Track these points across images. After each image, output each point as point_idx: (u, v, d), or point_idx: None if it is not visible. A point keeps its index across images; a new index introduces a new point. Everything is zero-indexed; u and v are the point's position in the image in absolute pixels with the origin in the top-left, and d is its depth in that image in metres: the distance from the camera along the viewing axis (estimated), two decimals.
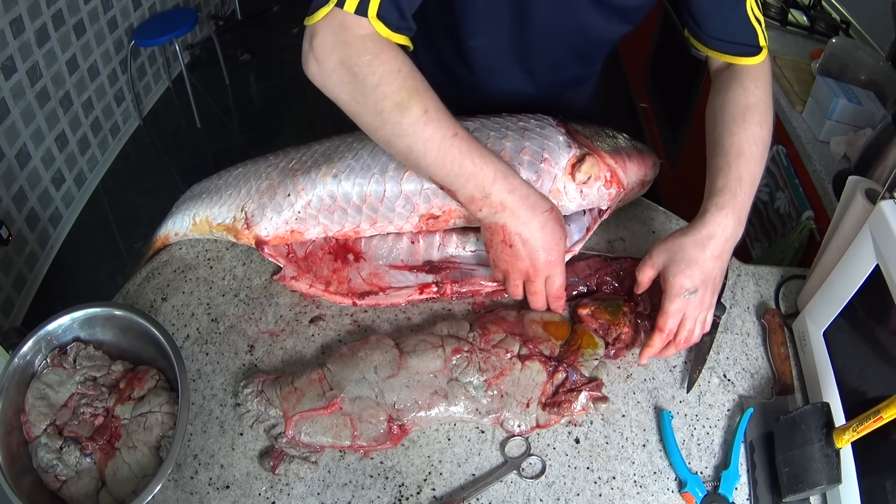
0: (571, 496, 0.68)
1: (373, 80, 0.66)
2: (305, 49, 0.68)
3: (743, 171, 0.75)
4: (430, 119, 0.68)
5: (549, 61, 0.92)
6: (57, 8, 2.29)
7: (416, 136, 0.68)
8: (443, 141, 0.68)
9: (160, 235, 0.94)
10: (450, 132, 0.68)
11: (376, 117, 0.68)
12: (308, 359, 0.79)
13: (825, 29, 1.88)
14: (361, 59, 0.66)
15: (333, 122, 0.82)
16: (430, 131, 0.68)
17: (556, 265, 0.75)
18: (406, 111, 0.67)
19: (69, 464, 0.67)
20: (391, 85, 0.66)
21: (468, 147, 0.69)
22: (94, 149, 2.65)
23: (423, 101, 0.67)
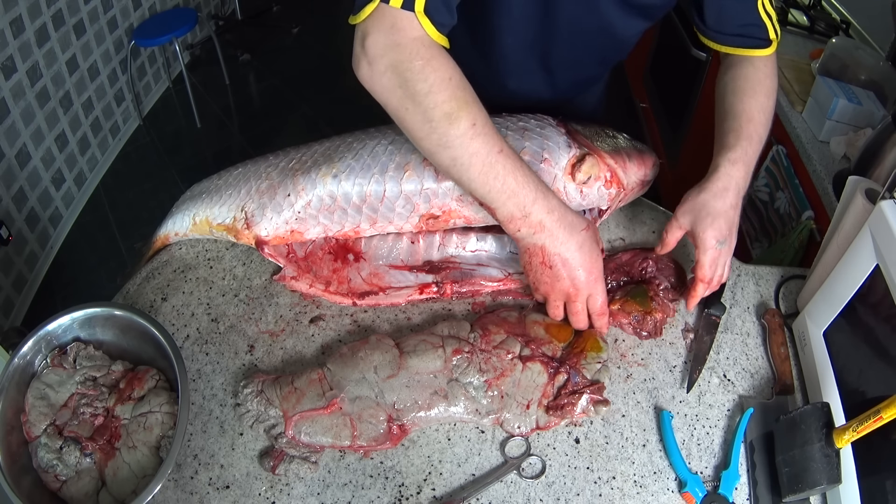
0: (571, 496, 0.68)
1: (423, 87, 0.66)
2: (357, 50, 0.67)
3: (752, 133, 0.80)
4: (478, 133, 0.67)
5: (570, 60, 0.92)
6: (57, 8, 2.29)
7: (462, 149, 0.68)
8: (488, 156, 0.68)
9: (160, 235, 0.94)
10: (495, 148, 0.68)
11: (424, 125, 0.68)
12: (308, 359, 0.79)
13: (825, 29, 1.88)
14: (413, 64, 0.65)
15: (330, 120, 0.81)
16: (476, 145, 0.67)
17: (597, 283, 0.75)
18: (455, 122, 0.66)
19: (69, 464, 0.67)
20: (442, 94, 0.66)
21: (512, 165, 0.69)
22: (94, 149, 2.65)
23: (472, 114, 0.67)
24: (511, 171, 0.69)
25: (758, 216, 1.70)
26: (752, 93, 0.83)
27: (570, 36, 0.86)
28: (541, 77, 0.94)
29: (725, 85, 0.86)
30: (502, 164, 0.68)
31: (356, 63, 0.68)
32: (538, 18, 0.83)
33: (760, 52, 0.85)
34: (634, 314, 0.80)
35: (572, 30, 0.85)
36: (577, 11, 0.82)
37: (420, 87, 0.66)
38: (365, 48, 0.66)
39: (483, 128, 0.68)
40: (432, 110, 0.66)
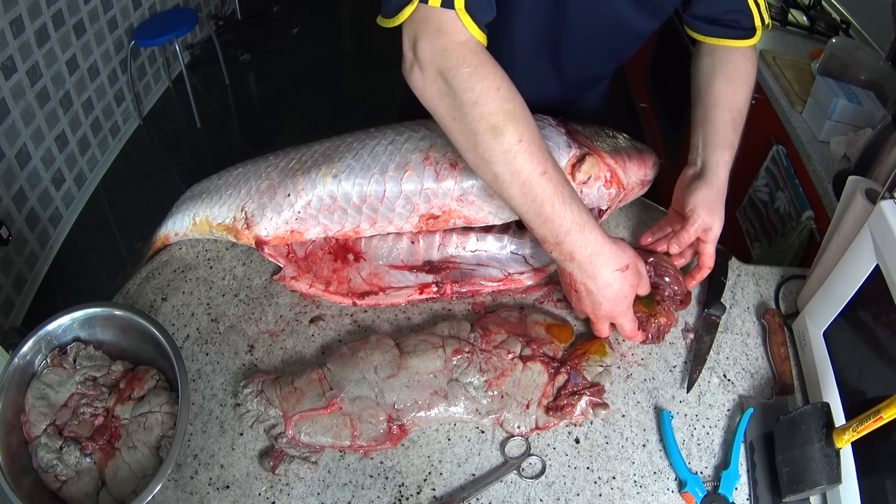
0: (571, 496, 0.68)
1: (471, 97, 0.64)
2: (409, 56, 0.66)
3: (740, 128, 0.84)
4: (523, 150, 0.66)
5: (579, 57, 0.92)
6: (57, 8, 2.29)
7: (505, 166, 0.66)
8: (530, 177, 0.66)
9: (160, 235, 0.94)
10: (539, 169, 0.66)
11: (470, 137, 0.66)
12: (308, 359, 0.79)
13: (825, 29, 1.88)
14: (461, 71, 0.64)
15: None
16: (519, 163, 0.66)
17: (623, 315, 0.75)
18: (500, 136, 0.65)
19: (69, 464, 0.67)
20: (489, 105, 0.64)
21: (553, 189, 0.67)
22: (94, 149, 2.65)
23: (518, 129, 0.65)
24: (550, 196, 0.67)
25: (758, 216, 1.70)
26: (742, 83, 0.85)
27: (581, 31, 0.86)
28: (549, 75, 0.94)
29: (713, 67, 0.86)
30: (542, 187, 0.67)
31: (408, 69, 0.67)
32: (549, 13, 0.83)
33: (745, 42, 0.86)
34: (639, 315, 0.79)
35: (583, 24, 0.85)
36: (589, 8, 0.82)
37: (467, 96, 0.64)
38: (417, 54, 0.65)
39: (529, 145, 0.66)
40: (478, 122, 0.65)
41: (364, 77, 3.37)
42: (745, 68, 0.86)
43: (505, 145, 0.65)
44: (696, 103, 0.86)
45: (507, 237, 0.87)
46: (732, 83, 0.84)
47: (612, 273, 0.72)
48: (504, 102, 0.65)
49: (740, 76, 0.85)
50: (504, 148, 0.65)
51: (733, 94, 0.84)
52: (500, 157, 0.66)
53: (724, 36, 0.86)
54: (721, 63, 0.85)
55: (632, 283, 0.74)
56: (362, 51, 3.66)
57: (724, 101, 0.83)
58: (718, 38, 0.86)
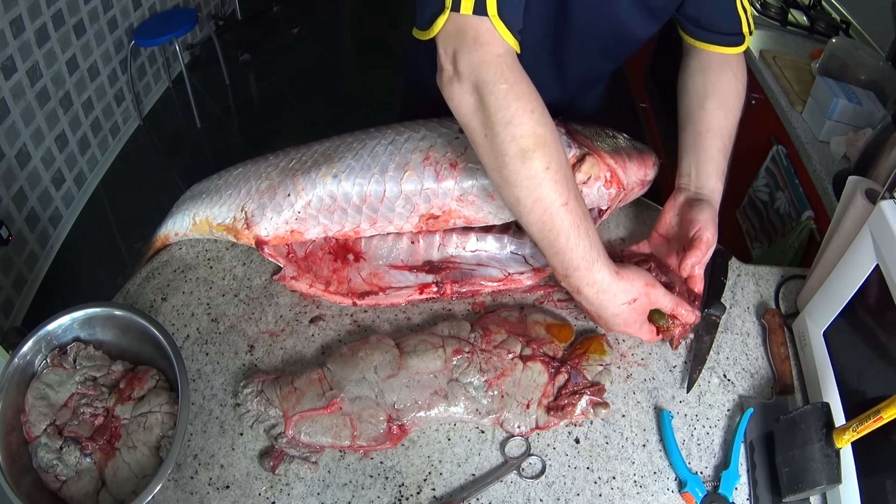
0: (571, 496, 0.68)
1: (504, 116, 0.63)
2: (447, 68, 0.65)
3: (729, 153, 0.84)
4: (549, 178, 0.65)
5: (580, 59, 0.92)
6: (57, 8, 2.29)
7: (528, 192, 0.66)
8: (551, 206, 0.66)
9: (160, 235, 0.94)
10: (562, 199, 0.66)
11: (498, 158, 0.65)
12: (308, 359, 0.79)
13: (825, 29, 1.88)
14: (498, 87, 0.63)
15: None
16: (544, 191, 0.65)
17: (637, 332, 0.76)
18: (528, 161, 0.64)
19: (69, 464, 0.67)
20: (521, 127, 0.64)
21: (570, 222, 0.67)
22: (94, 149, 2.65)
23: (547, 156, 0.65)
24: (567, 228, 0.67)
25: (758, 216, 1.70)
26: (734, 107, 0.85)
27: (583, 34, 0.86)
28: (551, 76, 0.94)
29: (705, 90, 0.85)
30: (562, 218, 0.66)
31: (446, 81, 0.66)
32: (554, 17, 0.83)
33: (734, 49, 0.86)
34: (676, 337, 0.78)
35: (585, 27, 0.85)
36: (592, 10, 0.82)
37: (501, 115, 0.63)
38: (456, 66, 0.64)
39: (556, 174, 0.65)
40: (508, 143, 0.64)
41: (364, 77, 3.37)
42: (737, 90, 0.86)
43: (532, 171, 0.64)
44: (685, 125, 0.85)
45: (507, 237, 0.87)
46: (724, 107, 0.84)
47: (620, 306, 0.72)
48: (537, 126, 0.64)
49: (731, 99, 0.85)
50: (531, 174, 0.65)
51: (724, 118, 0.84)
52: (526, 182, 0.65)
53: (714, 42, 0.85)
54: (713, 84, 0.85)
55: (640, 312, 0.74)
56: (362, 51, 3.66)
57: (715, 128, 0.83)
58: (709, 44, 0.86)
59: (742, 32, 0.86)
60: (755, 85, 1.67)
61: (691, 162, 0.84)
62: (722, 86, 0.85)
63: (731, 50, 0.86)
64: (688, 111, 0.86)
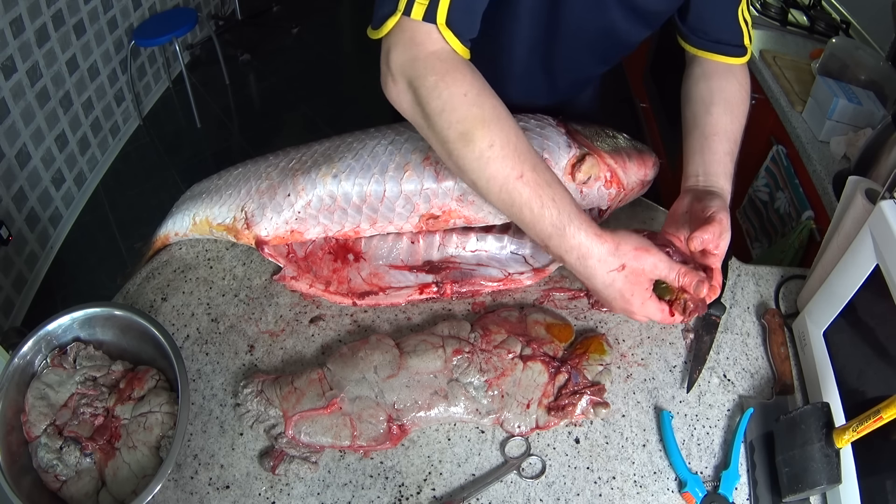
0: (571, 496, 0.68)
1: (437, 105, 0.63)
2: (383, 68, 0.65)
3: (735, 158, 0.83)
4: (495, 156, 0.63)
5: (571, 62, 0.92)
6: (57, 8, 2.29)
7: (479, 173, 0.64)
8: (505, 182, 0.64)
9: (160, 235, 0.94)
10: (515, 172, 0.64)
11: (444, 146, 0.65)
12: (308, 359, 0.79)
13: (825, 29, 1.88)
14: (428, 80, 0.63)
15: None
16: (493, 169, 0.64)
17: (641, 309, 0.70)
18: (470, 143, 0.63)
19: (69, 464, 0.67)
20: (455, 112, 0.63)
21: (530, 193, 0.64)
22: (94, 149, 2.65)
23: (489, 134, 0.63)
24: (527, 201, 0.64)
25: (758, 216, 1.70)
26: (740, 113, 0.84)
27: (574, 38, 0.86)
28: (542, 79, 0.94)
29: (711, 96, 0.84)
30: (519, 192, 0.64)
31: (383, 80, 0.66)
32: (545, 21, 0.83)
33: (738, 60, 0.85)
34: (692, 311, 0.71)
35: (576, 31, 0.85)
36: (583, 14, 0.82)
37: (434, 104, 0.63)
38: (390, 66, 0.64)
39: (502, 149, 0.63)
40: (447, 130, 0.63)
41: (364, 77, 3.36)
42: (742, 97, 0.85)
43: (476, 152, 0.63)
44: (692, 129, 0.84)
45: (507, 237, 0.87)
46: (730, 113, 0.83)
47: (608, 274, 0.67)
48: (472, 108, 0.63)
49: (737, 106, 0.84)
50: (476, 155, 0.63)
51: (731, 123, 0.82)
52: (474, 164, 0.64)
53: (717, 52, 0.85)
54: (719, 90, 0.84)
55: (635, 282, 0.68)
56: (362, 51, 3.66)
57: (722, 132, 0.81)
58: (712, 53, 0.85)
59: (744, 45, 0.85)
60: (755, 85, 1.66)
61: (698, 164, 0.81)
62: (727, 93, 0.84)
63: (735, 60, 0.85)
64: (694, 115, 0.85)
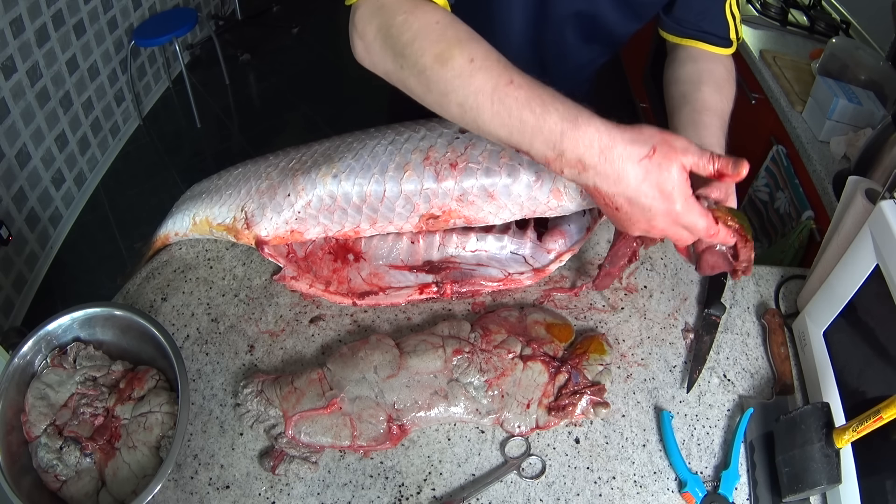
0: (571, 496, 0.68)
1: (409, 37, 0.60)
2: (351, 32, 0.65)
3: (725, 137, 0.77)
4: (477, 68, 0.58)
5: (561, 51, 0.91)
6: (57, 8, 2.29)
7: (464, 90, 0.59)
8: (495, 91, 0.58)
9: (160, 235, 0.94)
10: (503, 79, 0.58)
11: (420, 78, 0.61)
12: (308, 359, 0.79)
13: (825, 29, 1.88)
14: (396, 19, 0.61)
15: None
16: (478, 82, 0.58)
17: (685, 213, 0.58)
18: (448, 62, 0.59)
19: (69, 464, 0.67)
20: (428, 38, 0.60)
21: (527, 95, 0.57)
22: (94, 149, 2.65)
23: (467, 50, 0.59)
24: (526, 102, 0.57)
25: (758, 216, 1.70)
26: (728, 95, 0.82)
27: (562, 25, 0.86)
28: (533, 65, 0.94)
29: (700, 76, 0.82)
30: (514, 96, 0.57)
31: (352, 43, 0.65)
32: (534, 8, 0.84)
33: (723, 50, 0.85)
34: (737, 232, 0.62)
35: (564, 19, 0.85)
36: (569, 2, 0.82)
37: (405, 37, 0.60)
38: (355, 23, 0.63)
39: (483, 61, 0.59)
40: (421, 57, 0.60)
41: (364, 77, 3.35)
42: (730, 82, 0.84)
43: (456, 69, 0.59)
44: (680, 106, 0.82)
45: (507, 237, 0.87)
46: (720, 92, 0.81)
47: (638, 165, 0.56)
48: (445, 31, 0.60)
49: (726, 87, 0.83)
50: (456, 72, 0.59)
51: (720, 102, 0.80)
52: (457, 83, 0.59)
53: (703, 40, 0.85)
54: (707, 72, 0.83)
55: (669, 169, 0.56)
56: None
57: (713, 108, 0.80)
58: (697, 42, 0.85)
59: (730, 38, 0.85)
60: (755, 85, 1.66)
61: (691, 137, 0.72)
62: (716, 74, 0.83)
63: (721, 50, 0.85)
64: (682, 94, 0.82)
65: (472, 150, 0.80)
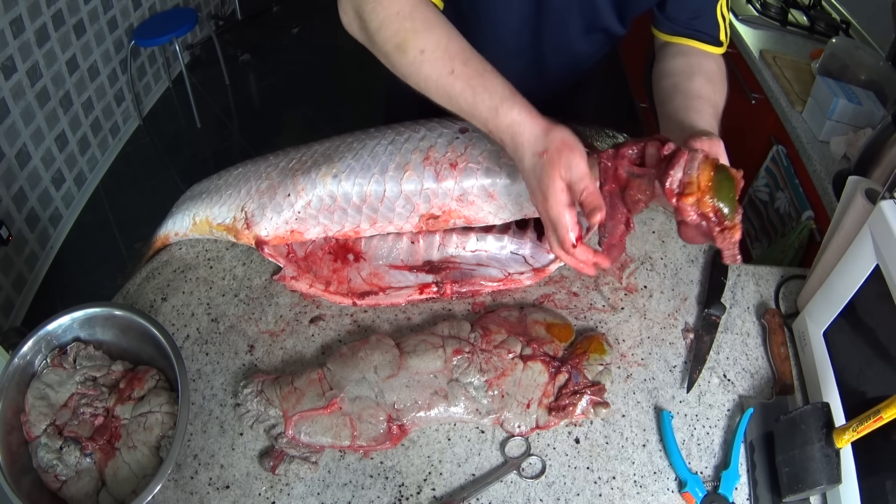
0: (571, 496, 0.68)
1: (374, 26, 0.70)
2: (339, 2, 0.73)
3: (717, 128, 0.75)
4: (426, 59, 0.69)
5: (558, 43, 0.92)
6: (57, 8, 2.28)
7: (416, 77, 0.70)
8: (439, 79, 0.69)
9: (160, 235, 0.94)
10: (446, 70, 0.68)
11: (386, 61, 0.72)
12: (308, 359, 0.79)
13: (825, 29, 1.88)
14: (367, 6, 0.70)
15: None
16: (426, 71, 0.69)
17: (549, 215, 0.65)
18: (404, 53, 0.69)
19: (69, 464, 0.67)
20: (389, 28, 0.69)
21: (463, 85, 0.68)
22: (94, 149, 2.65)
23: (419, 42, 0.69)
24: (461, 91, 0.68)
25: (758, 216, 1.70)
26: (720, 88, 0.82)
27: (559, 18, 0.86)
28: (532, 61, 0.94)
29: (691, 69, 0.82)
30: (452, 85, 0.68)
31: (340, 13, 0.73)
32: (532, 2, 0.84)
33: (714, 48, 0.85)
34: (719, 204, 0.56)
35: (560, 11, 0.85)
36: None
37: (372, 25, 0.70)
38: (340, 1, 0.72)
39: (433, 52, 0.68)
40: (384, 45, 0.70)
41: (364, 77, 3.36)
42: (721, 77, 0.84)
43: (410, 59, 0.69)
44: (672, 96, 0.80)
45: (507, 237, 0.87)
46: (712, 84, 0.81)
47: (533, 156, 0.65)
48: (403, 22, 0.69)
49: (718, 82, 0.83)
50: (410, 61, 0.69)
51: (713, 93, 0.80)
52: (412, 70, 0.70)
53: (694, 38, 0.85)
54: (699, 65, 0.83)
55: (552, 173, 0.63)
56: (362, 51, 3.64)
57: (706, 97, 0.79)
58: (688, 39, 0.85)
59: (720, 39, 0.85)
60: (755, 85, 1.66)
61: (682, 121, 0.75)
62: (707, 68, 0.83)
63: (712, 48, 0.85)
64: (674, 84, 0.82)
65: (472, 149, 0.80)
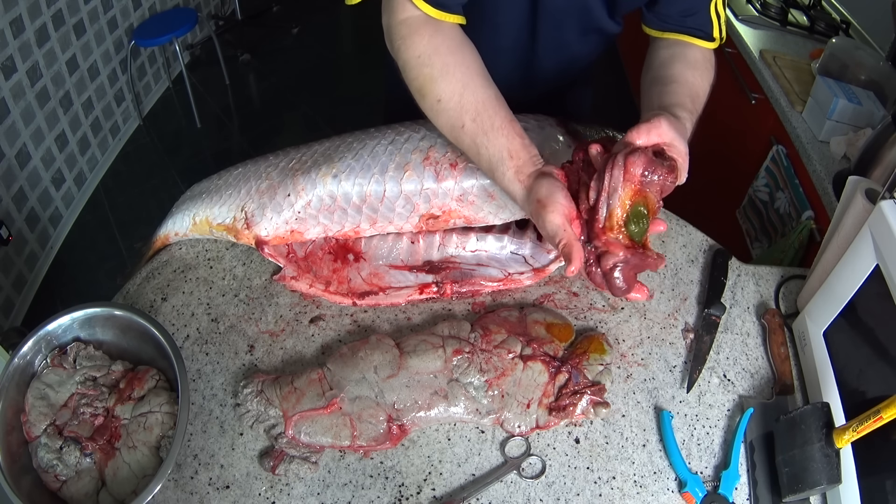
0: (571, 496, 0.68)
1: (400, 64, 0.73)
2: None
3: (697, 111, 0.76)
4: (441, 109, 0.72)
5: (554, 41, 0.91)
6: (57, 8, 2.28)
7: (435, 122, 0.74)
8: (451, 131, 0.73)
9: (160, 235, 0.94)
10: (458, 124, 0.72)
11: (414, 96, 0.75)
12: (308, 359, 0.79)
13: (825, 29, 1.88)
14: (394, 44, 0.73)
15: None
16: (441, 121, 0.73)
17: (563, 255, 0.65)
18: (424, 98, 0.73)
19: (69, 464, 0.67)
20: (411, 71, 0.72)
21: (469, 142, 0.72)
22: (94, 149, 2.65)
23: (436, 90, 0.71)
24: (468, 147, 0.72)
25: (758, 216, 1.70)
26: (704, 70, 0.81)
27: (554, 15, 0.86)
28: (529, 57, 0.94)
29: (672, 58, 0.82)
30: (461, 140, 0.72)
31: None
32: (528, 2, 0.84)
33: (705, 43, 0.83)
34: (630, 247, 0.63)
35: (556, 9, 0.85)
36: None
37: (399, 63, 0.73)
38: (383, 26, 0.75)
39: (447, 103, 0.71)
40: (409, 84, 0.74)
41: (364, 77, 3.36)
42: (706, 66, 0.83)
43: (428, 104, 0.73)
44: (651, 86, 0.80)
45: (507, 237, 0.87)
46: (692, 68, 0.80)
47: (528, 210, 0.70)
48: (422, 68, 0.71)
49: (701, 68, 0.81)
50: (428, 107, 0.73)
51: (692, 77, 0.79)
52: (431, 114, 0.74)
53: (684, 33, 0.84)
54: (682, 55, 0.83)
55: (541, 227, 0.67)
56: (362, 51, 3.66)
57: (682, 81, 0.78)
58: (679, 34, 0.84)
59: (713, 35, 0.84)
60: (755, 85, 1.66)
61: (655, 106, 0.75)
62: (690, 57, 0.82)
63: (702, 42, 0.84)
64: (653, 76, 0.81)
65: None
